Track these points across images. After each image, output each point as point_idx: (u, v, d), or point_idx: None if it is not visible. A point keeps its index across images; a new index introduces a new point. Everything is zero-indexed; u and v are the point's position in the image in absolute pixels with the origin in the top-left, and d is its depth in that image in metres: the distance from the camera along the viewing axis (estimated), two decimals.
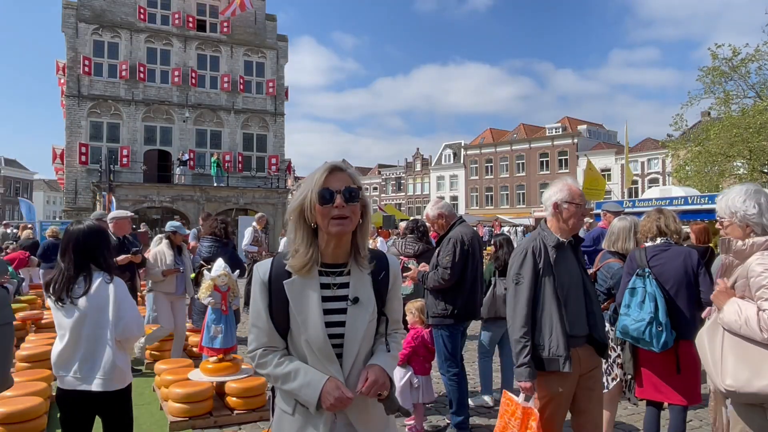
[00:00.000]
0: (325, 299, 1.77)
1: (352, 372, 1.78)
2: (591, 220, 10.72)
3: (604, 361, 3.87)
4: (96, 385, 2.82)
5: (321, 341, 1.74)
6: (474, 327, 5.61)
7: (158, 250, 6.46)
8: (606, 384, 3.82)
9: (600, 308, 3.00)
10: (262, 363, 1.82)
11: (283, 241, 12.79)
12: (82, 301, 2.82)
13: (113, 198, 18.85)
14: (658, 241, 3.68)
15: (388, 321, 1.90)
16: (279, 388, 1.82)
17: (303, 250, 1.76)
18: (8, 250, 12.60)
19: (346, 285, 1.80)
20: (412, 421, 4.56)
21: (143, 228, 17.72)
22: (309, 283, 1.77)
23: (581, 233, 3.30)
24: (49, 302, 2.93)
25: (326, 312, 1.76)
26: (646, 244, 3.74)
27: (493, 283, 5.26)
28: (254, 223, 10.79)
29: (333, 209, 1.70)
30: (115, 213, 6.85)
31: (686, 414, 3.67)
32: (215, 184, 26.59)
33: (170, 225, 6.78)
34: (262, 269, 1.83)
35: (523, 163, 54.22)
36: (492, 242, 5.61)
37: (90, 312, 2.84)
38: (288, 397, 1.81)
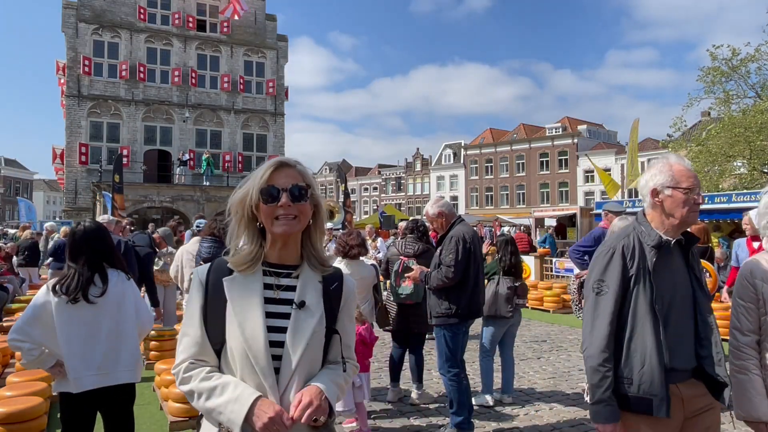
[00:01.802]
0: (266, 301, 1.59)
1: (287, 390, 1.55)
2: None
3: None
4: (123, 378, 2.90)
5: (260, 345, 1.53)
6: (474, 327, 5.62)
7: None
8: None
9: (718, 335, 2.23)
10: (186, 377, 1.56)
11: None
12: (100, 300, 2.85)
13: (118, 198, 18.59)
14: None
15: (342, 340, 1.68)
16: (202, 407, 1.54)
17: (248, 247, 1.62)
18: (7, 250, 12.60)
19: (291, 288, 1.63)
20: (354, 423, 4.49)
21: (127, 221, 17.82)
22: (251, 280, 1.60)
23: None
24: (54, 302, 2.78)
25: (267, 315, 1.57)
26: None
27: (496, 281, 5.26)
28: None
29: (278, 209, 1.56)
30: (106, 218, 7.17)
31: None
32: (205, 183, 26.48)
33: (202, 223, 7.02)
34: (201, 270, 1.65)
35: (523, 163, 54.18)
36: (494, 243, 5.61)
37: (108, 309, 2.88)
38: (213, 421, 1.55)
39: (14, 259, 12.15)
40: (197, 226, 6.97)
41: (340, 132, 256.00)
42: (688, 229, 2.27)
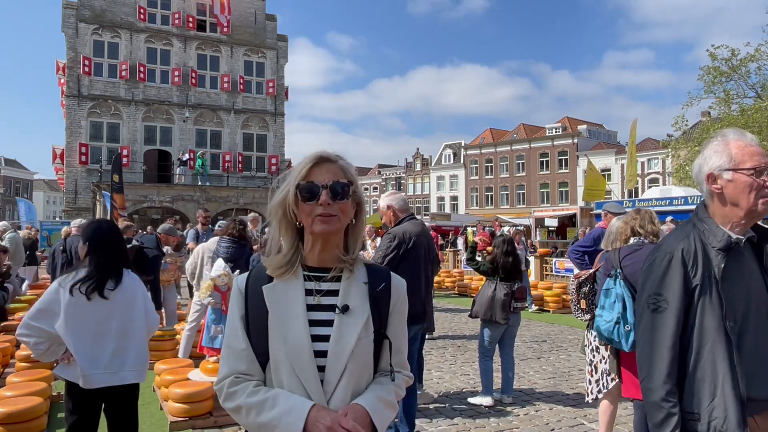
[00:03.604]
0: (308, 308, 1.48)
1: (332, 399, 1.43)
2: None
3: (603, 361, 3.87)
4: (129, 378, 2.89)
5: (305, 356, 1.42)
6: (474, 327, 5.61)
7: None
8: (605, 384, 3.82)
9: None
10: (231, 392, 1.44)
11: None
12: (112, 297, 2.87)
13: (117, 198, 18.53)
14: (632, 241, 3.67)
15: (392, 346, 1.54)
16: (253, 423, 1.41)
17: (285, 249, 1.51)
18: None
19: (333, 293, 1.50)
20: None
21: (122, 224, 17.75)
22: (292, 286, 1.48)
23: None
24: (65, 300, 2.77)
25: (310, 324, 1.46)
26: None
27: (494, 285, 5.25)
28: (248, 224, 10.82)
29: (317, 207, 1.43)
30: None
31: None
32: (206, 183, 26.52)
33: (220, 224, 7.24)
34: (240, 278, 1.56)
35: (523, 163, 54.19)
36: (493, 244, 5.65)
37: (118, 307, 2.89)
38: None
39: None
40: (219, 227, 7.04)
41: (339, 132, 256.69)
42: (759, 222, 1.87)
